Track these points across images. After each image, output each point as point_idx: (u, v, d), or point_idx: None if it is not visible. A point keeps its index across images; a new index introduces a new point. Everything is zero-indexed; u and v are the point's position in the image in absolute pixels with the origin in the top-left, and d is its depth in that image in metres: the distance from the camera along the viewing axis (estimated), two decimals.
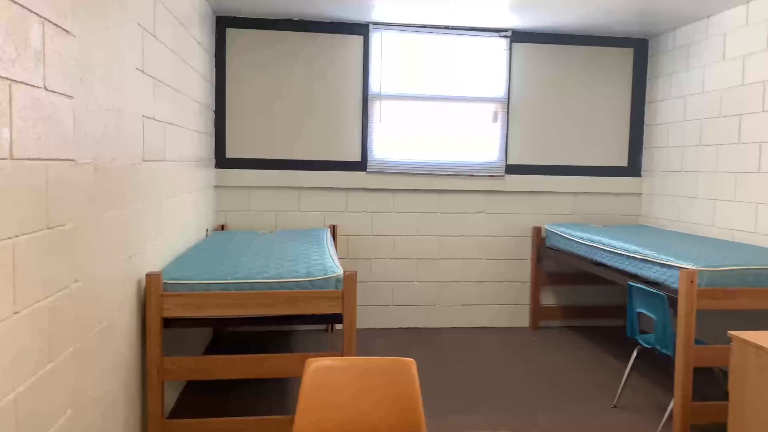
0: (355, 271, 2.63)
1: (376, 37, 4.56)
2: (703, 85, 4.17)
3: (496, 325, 4.87)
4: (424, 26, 4.56)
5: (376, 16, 4.32)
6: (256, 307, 2.52)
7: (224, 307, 2.51)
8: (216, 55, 4.40)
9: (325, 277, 2.64)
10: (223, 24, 4.41)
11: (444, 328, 4.80)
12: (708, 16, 4.11)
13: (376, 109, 4.61)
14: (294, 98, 4.53)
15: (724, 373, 3.63)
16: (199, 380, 3.49)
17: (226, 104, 4.46)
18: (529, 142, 4.79)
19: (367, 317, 4.73)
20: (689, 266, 2.87)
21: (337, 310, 2.62)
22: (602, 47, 4.81)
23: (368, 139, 4.62)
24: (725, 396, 3.25)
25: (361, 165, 4.62)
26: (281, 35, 4.48)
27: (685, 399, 2.85)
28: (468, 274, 4.80)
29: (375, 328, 4.73)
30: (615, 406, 3.30)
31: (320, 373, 1.68)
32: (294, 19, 4.45)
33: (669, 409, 2.96)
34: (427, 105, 4.65)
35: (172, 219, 3.07)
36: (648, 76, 4.85)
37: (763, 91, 3.61)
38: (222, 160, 4.48)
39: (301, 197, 4.57)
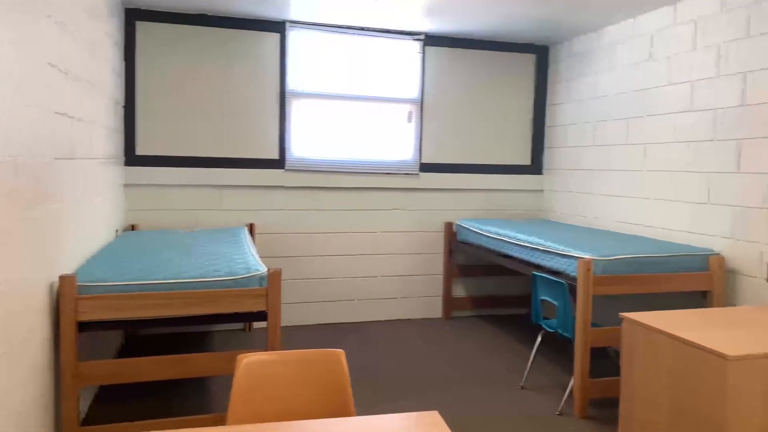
0: (280, 269, 2.67)
1: (293, 36, 4.58)
2: (596, 91, 4.56)
3: (412, 317, 5.06)
4: (341, 26, 4.64)
5: (292, 14, 4.34)
6: (179, 307, 2.50)
7: (145, 309, 2.47)
8: (126, 49, 4.24)
9: (248, 275, 2.66)
10: (133, 17, 4.25)
11: (362, 322, 4.92)
12: (600, 28, 4.50)
13: (294, 107, 4.64)
14: (210, 95, 4.45)
15: (616, 352, 4.02)
16: (111, 386, 3.38)
17: (136, 100, 4.30)
18: (442, 141, 5.01)
19: (287, 314, 4.75)
20: (586, 256, 3.16)
21: (262, 308, 2.65)
22: (508, 53, 5.12)
23: (286, 137, 4.63)
24: (618, 372, 3.62)
25: (279, 163, 4.63)
26: (195, 30, 4.38)
27: (584, 377, 3.14)
28: (385, 269, 4.95)
29: (295, 326, 4.76)
30: (522, 387, 3.56)
31: (252, 368, 1.73)
32: (208, 14, 4.37)
33: (570, 386, 3.25)
34: (344, 104, 4.74)
35: (82, 219, 2.95)
36: (548, 81, 5.23)
37: (646, 97, 4.02)
38: (132, 158, 4.32)
39: (218, 195, 4.51)
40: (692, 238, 3.62)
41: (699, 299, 3.48)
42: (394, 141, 4.88)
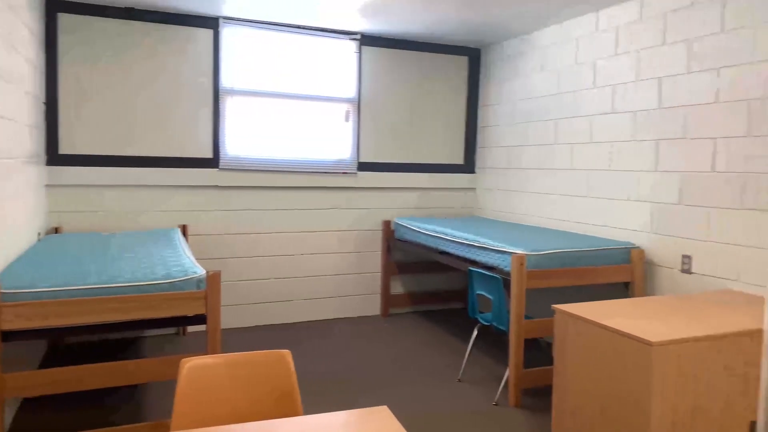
0: (219, 271, 2.62)
1: (227, 32, 4.48)
2: (526, 93, 4.75)
3: (351, 316, 5.08)
4: (277, 24, 4.59)
5: (226, 10, 4.25)
6: (112, 312, 2.40)
7: (76, 315, 2.36)
8: (48, 43, 4.01)
9: (186, 278, 2.60)
10: (55, 8, 4.02)
11: (302, 322, 4.90)
12: (529, 32, 4.69)
13: (229, 105, 4.54)
14: (139, 92, 4.29)
15: (548, 343, 4.21)
16: (34, 398, 3.20)
17: (59, 97, 4.08)
18: (379, 140, 5.06)
19: (223, 317, 4.65)
20: (519, 251, 3.29)
21: (201, 311, 2.59)
22: (442, 54, 5.24)
23: (221, 135, 4.53)
24: (550, 361, 3.79)
25: (213, 162, 4.52)
26: (124, 24, 4.21)
27: (518, 367, 3.27)
28: (323, 268, 4.94)
29: (232, 328, 4.67)
30: (460, 380, 3.66)
31: (196, 372, 1.70)
32: (138, 8, 4.20)
33: (505, 377, 3.38)
34: (281, 102, 4.69)
35: (2, 222, 2.77)
36: (481, 83, 5.39)
37: (573, 99, 4.23)
38: (55, 157, 4.09)
39: (148, 196, 4.35)
40: (615, 233, 3.85)
41: (622, 290, 3.70)
42: (331, 140, 4.88)
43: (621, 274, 3.52)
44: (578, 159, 4.18)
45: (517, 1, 3.83)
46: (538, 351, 4.19)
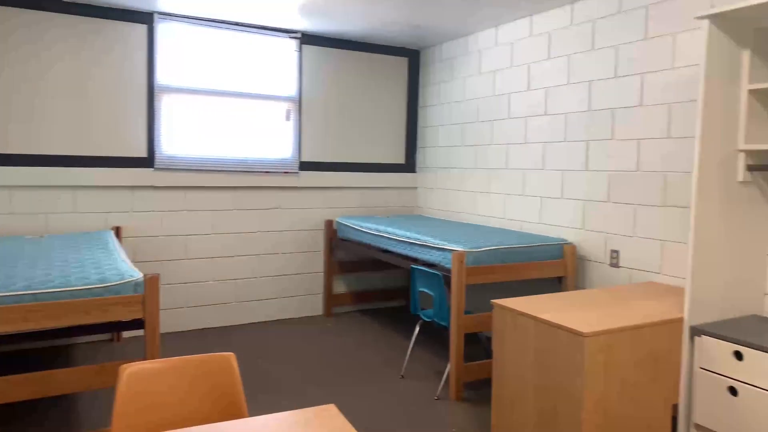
0: (158, 274, 2.55)
1: (162, 28, 4.35)
2: (464, 94, 4.87)
3: (294, 316, 5.05)
4: (214, 21, 4.49)
5: (161, 5, 4.12)
6: (44, 319, 2.30)
7: (4, 323, 2.24)
8: None
9: (122, 281, 2.51)
10: None
11: (244, 324, 4.82)
12: (467, 35, 4.81)
13: (164, 103, 4.41)
14: (66, 88, 4.09)
15: (488, 337, 4.34)
16: None
17: None
18: (321, 140, 5.05)
19: (161, 321, 4.51)
20: (459, 248, 3.38)
21: (138, 316, 2.52)
22: (383, 55, 5.29)
23: (155, 134, 4.39)
24: (489, 355, 3.91)
25: (148, 161, 4.38)
26: (48, 17, 4.00)
27: (459, 361, 3.36)
28: (265, 270, 4.89)
29: (170, 332, 4.54)
30: (403, 377, 3.72)
31: (136, 378, 1.66)
32: (65, 0, 4.02)
33: (446, 372, 3.46)
34: (220, 101, 4.60)
35: None
36: (420, 84, 5.47)
37: (508, 101, 4.37)
38: None
39: (78, 197, 4.17)
40: (549, 230, 4.01)
41: (555, 284, 3.87)
42: (272, 139, 4.83)
43: (555, 268, 3.67)
44: (513, 159, 4.33)
45: (454, 4, 3.92)
46: (478, 345, 4.31)
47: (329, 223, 5.06)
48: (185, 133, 4.50)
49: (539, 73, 4.08)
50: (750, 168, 2.57)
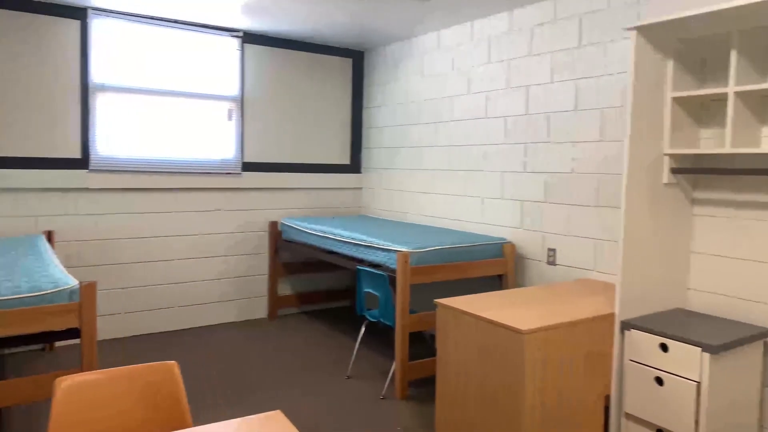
0: (95, 282, 2.47)
1: (96, 24, 4.18)
2: (407, 96, 4.93)
3: (237, 320, 4.98)
4: (153, 18, 4.36)
5: (95, 1, 3.97)
6: None
7: None
8: None
9: (56, 290, 2.42)
10: None
11: (186, 329, 4.71)
12: (410, 38, 4.87)
13: (100, 102, 4.25)
14: None
15: (432, 335, 4.41)
16: None
17: None
18: (264, 140, 4.99)
19: (98, 328, 4.35)
20: (403, 249, 3.43)
21: (74, 324, 2.43)
22: (327, 55, 5.28)
23: (90, 134, 4.22)
24: (434, 353, 3.99)
25: (82, 163, 4.21)
26: None
27: (404, 360, 3.42)
28: (207, 273, 4.79)
29: (108, 339, 4.39)
30: (349, 377, 3.74)
31: (74, 390, 1.61)
32: None
33: (391, 371, 3.51)
34: (159, 100, 4.47)
35: None
36: (365, 84, 5.50)
37: (450, 104, 4.47)
38: None
39: (4, 200, 3.96)
40: (490, 229, 4.13)
41: (496, 282, 3.98)
42: (214, 140, 4.74)
43: (495, 267, 3.79)
44: (456, 160, 4.42)
45: (397, 7, 3.97)
46: (423, 343, 4.38)
47: (273, 225, 5.02)
48: (123, 134, 4.35)
49: (480, 77, 4.18)
50: (674, 171, 2.73)
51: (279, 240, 4.99)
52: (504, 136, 4.00)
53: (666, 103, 2.71)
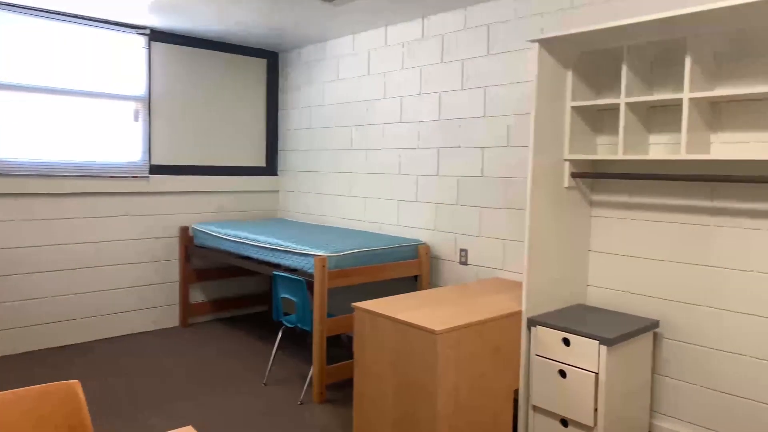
0: None
1: None
2: (324, 99, 4.92)
3: (147, 330, 4.75)
4: (54, 12, 4.07)
5: None
6: None
7: None
8: None
9: None
10: None
11: (91, 342, 4.44)
12: (325, 41, 4.87)
13: None
14: None
15: (349, 338, 4.44)
16: None
17: None
18: (175, 142, 4.80)
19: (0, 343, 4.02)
20: (320, 253, 3.43)
21: None
22: (241, 56, 5.16)
23: None
24: (351, 355, 4.01)
25: None
26: None
27: (322, 364, 3.41)
28: (113, 282, 4.54)
29: (3, 356, 4.06)
30: (265, 384, 3.68)
31: None
32: None
33: (309, 376, 3.49)
34: (59, 99, 4.18)
35: None
36: (281, 86, 5.43)
37: (366, 108, 4.51)
38: None
39: None
40: (406, 231, 4.21)
41: (413, 283, 4.07)
42: (119, 141, 4.50)
43: (411, 268, 3.86)
44: (372, 164, 4.47)
45: (311, 10, 3.95)
46: (341, 347, 4.39)
47: (184, 230, 4.84)
48: (19, 136, 4.03)
49: (395, 82, 4.26)
50: (573, 175, 2.92)
51: (190, 246, 4.82)
52: (418, 141, 4.09)
53: (566, 111, 2.89)
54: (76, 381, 1.63)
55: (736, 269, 2.59)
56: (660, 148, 2.82)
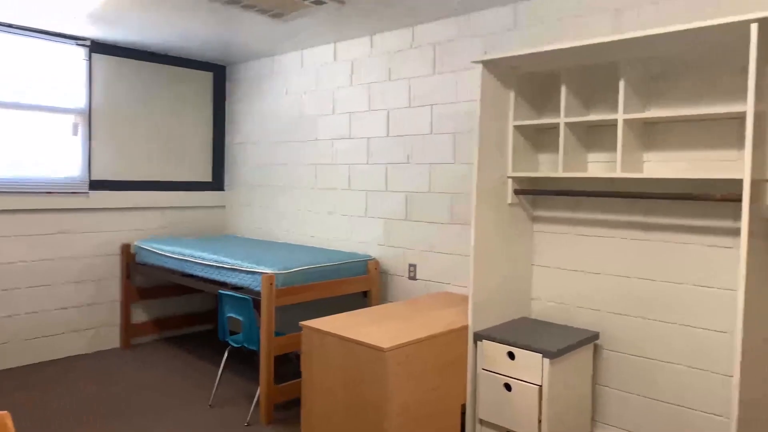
0: None
1: None
2: (272, 113, 4.89)
3: (86, 352, 4.55)
4: None
5: None
6: None
7: None
8: None
9: None
10: None
11: (26, 366, 4.21)
12: (274, 55, 4.84)
13: None
14: None
15: (298, 356, 4.38)
16: None
17: None
18: (117, 157, 4.65)
19: None
20: (268, 271, 3.38)
21: None
22: (186, 68, 5.07)
23: None
24: (300, 375, 3.95)
25: None
26: None
27: (269, 384, 3.35)
28: (51, 302, 4.33)
29: None
30: (211, 405, 3.58)
31: None
32: None
33: (256, 396, 3.42)
34: None
35: None
36: (227, 100, 5.36)
37: (315, 123, 4.50)
38: None
39: None
40: (357, 246, 4.21)
41: (362, 299, 4.06)
42: (57, 156, 4.32)
43: (361, 284, 3.86)
44: (322, 179, 4.46)
45: (258, 24, 3.93)
46: (290, 365, 4.33)
47: (126, 247, 4.68)
48: None
49: (343, 98, 4.28)
50: (516, 192, 3.00)
51: (132, 264, 4.66)
52: (367, 156, 4.12)
53: (509, 130, 2.97)
54: (6, 413, 1.55)
55: (669, 282, 2.71)
56: (598, 166, 2.94)
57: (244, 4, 3.39)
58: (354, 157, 4.21)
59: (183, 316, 5.11)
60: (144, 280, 4.86)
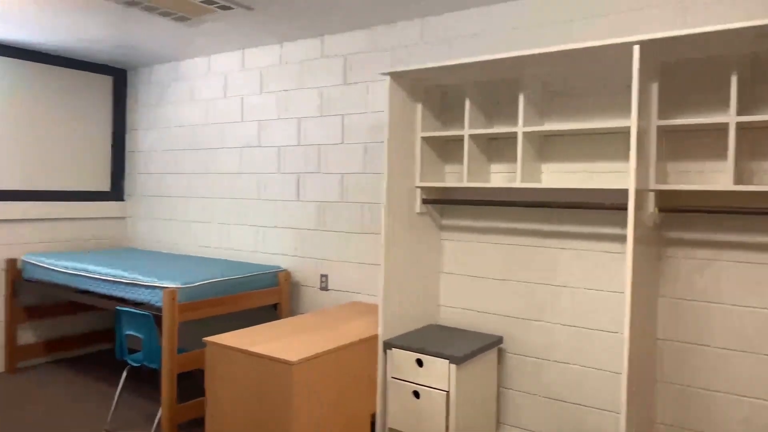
0: None
1: None
2: (176, 120, 4.69)
3: None
4: None
5: None
6: None
7: None
8: None
9: None
10: None
11: None
12: (178, 60, 4.66)
13: None
14: None
15: (203, 372, 4.19)
16: None
17: None
18: (2, 164, 4.28)
19: None
20: (170, 285, 3.22)
21: None
22: (84, 72, 4.76)
23: None
24: (205, 392, 3.78)
25: None
26: None
27: (171, 403, 3.18)
28: None
29: None
30: (107, 430, 3.35)
31: None
32: None
33: (158, 416, 3.24)
34: None
35: None
36: (129, 105, 5.09)
37: (223, 131, 4.37)
38: None
39: None
40: (266, 258, 4.11)
41: (273, 311, 3.97)
42: None
43: (271, 296, 3.77)
44: (230, 188, 4.33)
45: (163, 28, 3.77)
46: (194, 382, 4.14)
47: (11, 262, 4.29)
48: None
49: (252, 106, 4.18)
50: (424, 201, 3.05)
51: (18, 280, 4.29)
52: (278, 165, 4.04)
53: (417, 141, 3.02)
54: None
55: (566, 286, 2.86)
56: (500, 176, 3.05)
57: (145, 5, 3.24)
58: (264, 166, 4.12)
59: (77, 335, 4.76)
60: (33, 298, 4.48)
